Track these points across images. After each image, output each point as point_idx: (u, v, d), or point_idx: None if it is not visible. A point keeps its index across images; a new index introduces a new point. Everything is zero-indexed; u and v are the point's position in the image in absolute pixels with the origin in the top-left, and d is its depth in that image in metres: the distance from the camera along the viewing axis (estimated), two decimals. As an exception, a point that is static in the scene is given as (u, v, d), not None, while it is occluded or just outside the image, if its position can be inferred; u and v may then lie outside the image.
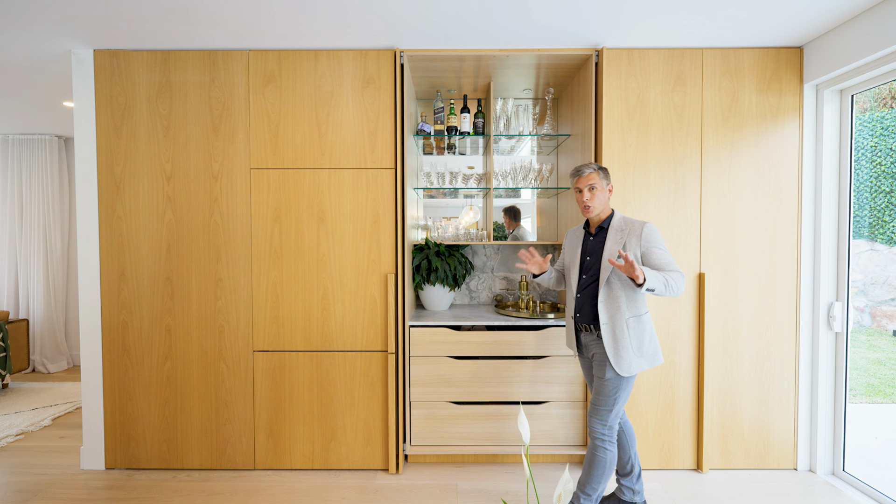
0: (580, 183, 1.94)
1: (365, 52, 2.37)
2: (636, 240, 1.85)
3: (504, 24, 2.16)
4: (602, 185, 1.92)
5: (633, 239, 1.86)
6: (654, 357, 1.90)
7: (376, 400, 2.43)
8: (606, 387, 1.87)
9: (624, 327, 1.86)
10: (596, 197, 1.92)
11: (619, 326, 1.86)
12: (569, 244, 2.11)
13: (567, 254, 2.10)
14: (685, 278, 1.79)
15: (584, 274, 1.98)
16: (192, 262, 2.41)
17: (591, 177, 1.92)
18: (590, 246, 1.99)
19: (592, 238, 1.99)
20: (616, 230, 1.91)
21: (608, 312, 1.87)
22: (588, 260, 1.98)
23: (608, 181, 1.96)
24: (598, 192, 1.92)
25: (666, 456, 2.42)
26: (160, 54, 2.38)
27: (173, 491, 2.25)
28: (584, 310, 1.96)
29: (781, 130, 2.37)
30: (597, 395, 1.90)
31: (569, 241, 2.12)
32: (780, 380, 2.40)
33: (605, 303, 1.88)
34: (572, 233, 2.12)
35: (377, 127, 2.38)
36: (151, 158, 2.39)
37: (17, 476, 2.39)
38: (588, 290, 1.95)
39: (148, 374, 2.43)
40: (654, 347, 1.90)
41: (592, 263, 1.96)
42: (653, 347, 1.89)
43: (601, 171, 1.94)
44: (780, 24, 2.14)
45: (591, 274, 1.95)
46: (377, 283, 2.40)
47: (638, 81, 2.37)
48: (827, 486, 2.28)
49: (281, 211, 2.39)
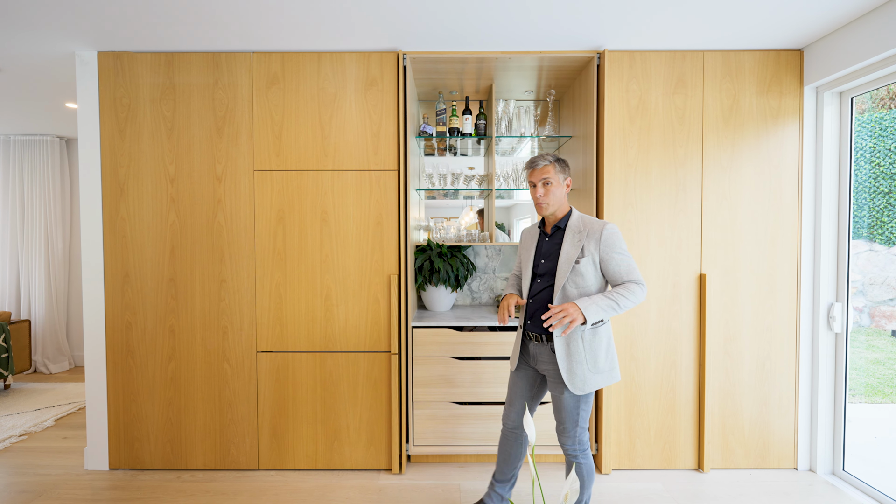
0: (533, 176, 1.76)
1: (368, 54, 2.38)
2: (595, 243, 1.69)
3: (506, 27, 2.18)
4: (559, 179, 1.75)
5: (591, 242, 1.70)
6: (612, 373, 1.74)
7: (379, 400, 2.44)
8: (566, 406, 1.74)
9: (579, 340, 1.70)
10: (551, 193, 1.74)
11: (574, 339, 1.70)
12: (523, 245, 1.93)
13: (521, 255, 1.93)
14: (645, 288, 1.68)
15: (537, 278, 1.80)
16: (195, 264, 2.42)
17: (545, 170, 1.74)
18: (545, 248, 1.81)
19: (548, 239, 1.81)
20: (574, 231, 1.74)
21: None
22: (542, 263, 1.80)
23: (566, 175, 1.78)
24: (554, 187, 1.74)
25: (667, 456, 2.44)
26: (164, 56, 2.39)
27: (177, 491, 2.26)
28: (535, 317, 1.78)
29: (782, 132, 2.38)
30: (558, 413, 1.77)
31: (523, 241, 1.94)
32: (781, 380, 2.42)
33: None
34: (527, 232, 1.95)
35: (380, 129, 2.40)
36: (155, 160, 2.40)
37: (22, 476, 2.40)
38: (541, 295, 1.78)
39: (152, 375, 2.44)
40: (612, 362, 1.75)
41: (547, 267, 1.78)
42: (609, 362, 1.74)
43: (558, 163, 1.76)
44: (781, 26, 2.16)
45: (546, 279, 1.77)
46: (380, 284, 2.42)
47: (639, 84, 2.38)
48: (827, 485, 2.30)
49: (284, 212, 2.41)
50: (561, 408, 1.76)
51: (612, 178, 2.38)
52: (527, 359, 1.86)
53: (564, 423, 1.76)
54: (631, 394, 2.42)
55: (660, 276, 2.40)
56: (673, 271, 2.40)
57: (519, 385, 1.89)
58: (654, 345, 2.42)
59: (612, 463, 2.43)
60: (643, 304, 2.41)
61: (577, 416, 1.74)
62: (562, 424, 1.77)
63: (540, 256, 1.82)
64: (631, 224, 2.39)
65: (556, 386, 1.76)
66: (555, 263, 1.76)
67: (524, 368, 1.88)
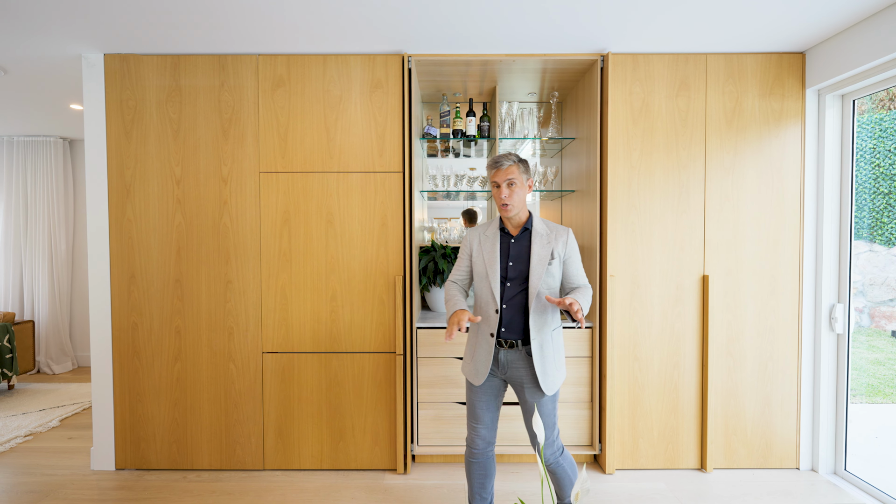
0: (498, 177, 1.70)
1: (373, 56, 2.40)
2: (563, 245, 1.73)
3: (511, 30, 2.19)
4: (522, 180, 1.71)
5: (559, 244, 1.72)
6: (564, 368, 1.78)
7: (384, 401, 2.45)
8: (545, 410, 1.72)
9: (549, 340, 1.71)
10: (515, 194, 1.69)
11: (546, 340, 1.71)
12: (479, 246, 1.80)
13: (478, 258, 1.79)
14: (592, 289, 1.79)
15: (508, 282, 1.73)
16: (201, 265, 2.43)
17: (510, 170, 1.69)
18: (513, 250, 1.74)
19: (514, 241, 1.76)
20: (540, 234, 1.74)
21: (537, 325, 1.69)
22: (512, 266, 1.73)
23: (528, 176, 1.75)
24: (518, 188, 1.70)
25: (670, 456, 2.45)
26: (170, 58, 2.40)
27: (184, 491, 2.28)
28: (512, 324, 1.71)
29: (784, 134, 2.40)
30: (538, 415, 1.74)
31: (478, 242, 1.81)
32: (783, 380, 2.44)
33: (536, 315, 1.69)
34: (480, 232, 1.83)
35: (385, 131, 2.41)
36: (161, 162, 2.42)
37: (29, 477, 2.41)
38: (515, 300, 1.71)
39: (158, 376, 2.45)
40: (563, 358, 1.79)
41: (518, 270, 1.72)
42: (563, 358, 1.79)
43: (522, 163, 1.72)
44: (783, 29, 2.18)
45: (517, 282, 1.72)
46: (385, 285, 2.43)
47: (643, 86, 2.40)
48: (829, 485, 2.32)
49: (290, 214, 2.42)
50: (540, 413, 1.69)
51: (616, 180, 2.40)
52: (494, 369, 1.76)
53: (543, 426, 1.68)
54: (634, 394, 2.44)
55: (663, 277, 2.42)
56: (676, 272, 2.42)
57: (484, 399, 1.78)
58: (658, 345, 2.43)
59: (616, 463, 2.45)
60: (647, 306, 2.42)
61: (554, 418, 1.75)
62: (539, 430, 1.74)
63: (508, 259, 1.74)
64: (635, 226, 2.41)
65: (532, 392, 1.71)
66: (526, 266, 1.72)
67: (490, 380, 1.78)
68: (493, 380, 1.78)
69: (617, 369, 2.43)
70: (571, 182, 2.88)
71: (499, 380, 1.79)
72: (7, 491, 2.28)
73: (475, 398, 1.79)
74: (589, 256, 2.53)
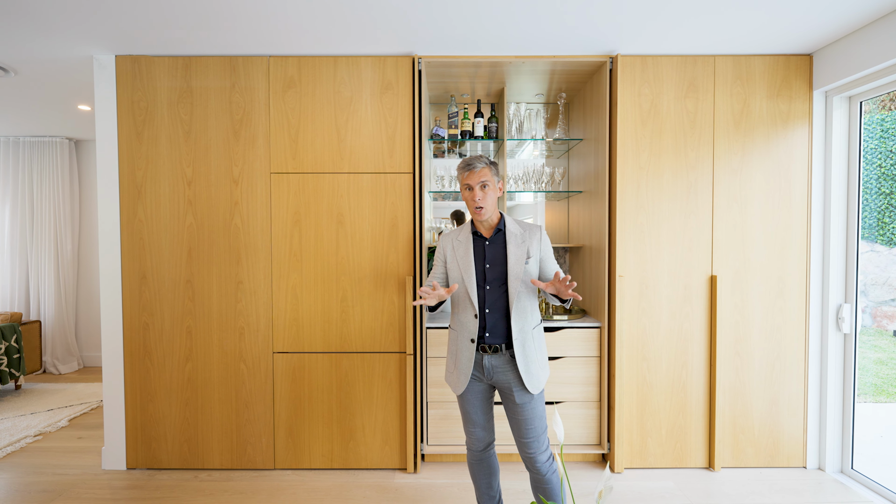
0: (470, 179, 1.67)
1: (383, 58, 2.41)
2: (537, 243, 1.71)
3: (522, 32, 2.21)
4: (493, 182, 1.69)
5: (534, 243, 1.71)
6: (547, 366, 1.77)
7: (394, 400, 2.47)
8: (532, 411, 1.69)
9: (531, 339, 1.70)
10: (488, 196, 1.67)
11: (528, 339, 1.69)
12: (453, 252, 1.77)
13: (452, 264, 1.77)
14: None
15: (486, 285, 1.70)
16: (212, 265, 2.44)
17: (482, 173, 1.67)
18: (489, 253, 1.72)
19: (489, 243, 1.73)
20: (514, 234, 1.72)
21: (518, 326, 1.68)
22: (489, 269, 1.71)
23: (499, 178, 1.75)
24: (490, 190, 1.68)
25: (678, 455, 2.47)
26: (181, 60, 2.41)
27: (196, 490, 2.29)
28: (496, 328, 1.69)
29: (791, 136, 2.42)
30: (525, 424, 1.69)
31: (451, 247, 1.79)
32: (790, 380, 2.46)
33: (517, 316, 1.68)
34: (452, 237, 1.81)
35: (395, 132, 2.42)
36: (172, 163, 2.43)
37: (40, 476, 2.42)
38: (497, 304, 1.69)
39: (169, 376, 2.46)
40: (546, 356, 1.78)
41: (496, 272, 1.70)
42: (545, 355, 1.77)
43: (493, 165, 1.71)
44: (790, 32, 2.19)
45: (498, 285, 1.70)
46: (395, 285, 2.44)
47: (651, 88, 2.41)
48: (836, 483, 2.34)
49: (301, 214, 2.43)
50: (530, 416, 1.69)
51: (625, 181, 2.42)
52: (478, 375, 1.74)
53: (536, 432, 1.69)
54: (643, 394, 2.45)
55: (671, 277, 2.44)
56: (684, 273, 2.43)
57: (474, 402, 1.77)
58: (666, 345, 2.45)
59: (625, 462, 2.46)
60: (655, 306, 2.44)
61: (544, 420, 1.71)
62: (532, 436, 1.69)
63: (485, 262, 1.72)
64: (643, 226, 2.43)
65: (520, 394, 1.69)
66: (504, 268, 1.70)
67: (474, 385, 1.75)
68: (477, 384, 1.75)
69: (625, 369, 2.44)
70: (578, 183, 2.90)
71: (485, 385, 1.76)
72: (20, 490, 2.29)
73: (465, 403, 1.78)
74: (598, 257, 2.54)
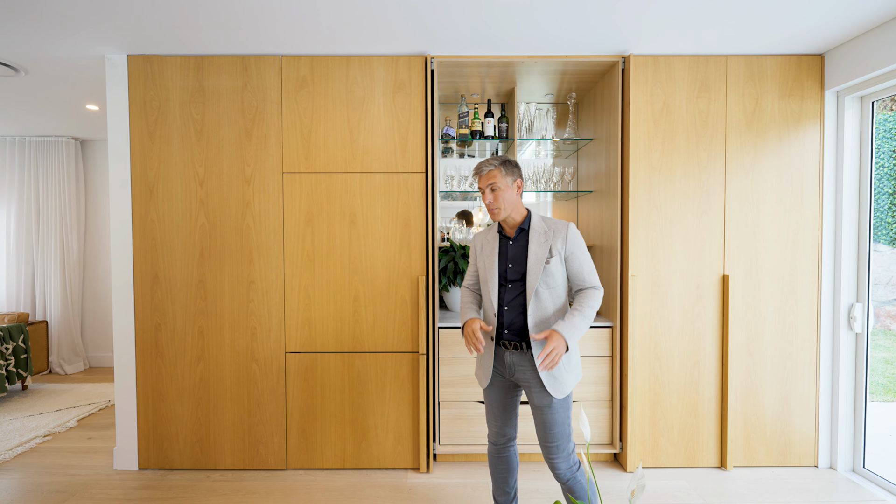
0: (481, 182, 1.71)
1: (396, 57, 2.41)
2: (562, 241, 1.67)
3: (534, 32, 2.21)
4: (506, 183, 1.68)
5: (558, 241, 1.67)
6: (578, 369, 1.71)
7: (406, 400, 2.47)
8: (552, 416, 1.66)
9: None
10: (500, 197, 1.67)
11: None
12: (481, 251, 1.81)
13: (481, 262, 1.81)
14: (601, 292, 1.68)
15: (508, 284, 1.72)
16: (224, 265, 2.44)
17: (490, 175, 1.68)
18: (511, 252, 1.73)
19: (512, 242, 1.74)
20: (538, 233, 1.69)
21: (537, 325, 1.67)
22: (511, 268, 1.72)
23: (514, 177, 1.71)
24: (503, 191, 1.67)
25: (690, 454, 2.47)
26: (193, 59, 2.41)
27: (209, 490, 2.29)
28: (513, 326, 1.71)
29: (803, 136, 2.43)
30: (547, 430, 1.67)
31: (480, 247, 1.83)
32: (802, 379, 2.46)
33: (535, 315, 1.67)
34: (482, 237, 1.85)
35: (408, 131, 2.42)
36: (185, 162, 2.42)
37: (52, 476, 2.42)
38: (515, 302, 1.71)
39: (181, 376, 2.46)
40: (578, 358, 1.72)
41: (517, 272, 1.71)
42: (577, 358, 1.71)
43: (504, 165, 1.69)
44: (802, 32, 2.20)
45: (517, 284, 1.71)
46: (408, 285, 2.44)
47: (663, 87, 2.42)
48: (848, 482, 2.34)
49: (313, 214, 2.43)
50: (550, 421, 1.66)
51: (637, 181, 2.42)
52: (501, 370, 1.76)
53: (556, 438, 1.66)
54: (655, 393, 2.46)
55: (683, 276, 2.44)
56: (696, 272, 2.44)
57: (497, 396, 1.79)
58: (678, 345, 2.45)
59: (637, 461, 2.46)
60: (667, 306, 2.44)
61: (567, 426, 1.68)
62: (553, 441, 1.67)
63: (507, 261, 1.73)
64: (655, 226, 2.43)
65: (540, 396, 1.67)
66: (524, 267, 1.70)
67: (497, 380, 1.77)
68: (500, 380, 1.77)
69: (638, 368, 2.45)
70: (588, 183, 2.90)
71: (507, 381, 1.77)
72: (32, 490, 2.29)
73: (488, 396, 1.82)
74: (610, 257, 2.55)
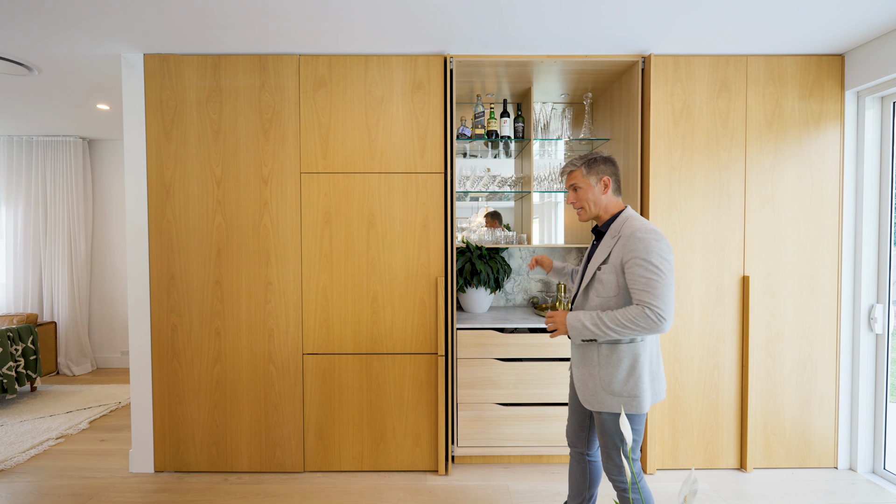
0: (565, 184, 1.71)
1: (415, 57, 2.39)
2: (618, 250, 1.53)
3: (556, 31, 2.19)
4: (587, 182, 1.62)
5: (618, 246, 1.54)
6: (632, 401, 1.52)
7: (425, 402, 2.45)
8: (604, 423, 1.59)
9: (594, 353, 1.58)
10: (581, 198, 1.64)
11: (590, 350, 1.59)
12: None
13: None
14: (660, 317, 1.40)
15: (581, 281, 1.71)
16: (241, 266, 2.42)
17: (571, 176, 1.65)
18: (590, 251, 1.72)
19: (595, 243, 1.71)
20: (609, 235, 1.60)
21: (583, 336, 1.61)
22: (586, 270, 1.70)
23: (599, 175, 1.62)
24: (584, 191, 1.63)
25: (710, 455, 2.46)
26: (210, 59, 2.39)
27: (227, 493, 2.27)
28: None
29: (823, 136, 2.42)
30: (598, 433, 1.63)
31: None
32: (822, 380, 2.45)
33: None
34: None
35: (427, 132, 2.41)
36: (201, 162, 2.40)
37: (67, 479, 2.40)
38: (577, 306, 1.69)
39: (197, 377, 2.43)
40: (634, 390, 1.52)
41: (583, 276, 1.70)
42: (630, 389, 1.52)
43: (587, 164, 1.62)
44: (822, 32, 2.19)
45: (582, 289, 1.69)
46: (426, 286, 2.43)
47: (683, 87, 2.41)
48: (870, 483, 2.33)
49: (331, 215, 2.41)
50: (598, 427, 1.62)
51: (657, 181, 2.41)
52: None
53: (606, 446, 1.59)
54: (674, 394, 2.45)
55: (703, 277, 2.43)
56: (717, 273, 2.43)
57: (571, 397, 1.79)
58: (698, 346, 2.44)
59: (657, 463, 2.45)
60: (687, 307, 2.43)
61: (616, 439, 1.55)
62: (603, 447, 1.61)
63: (588, 259, 1.71)
64: (675, 226, 2.42)
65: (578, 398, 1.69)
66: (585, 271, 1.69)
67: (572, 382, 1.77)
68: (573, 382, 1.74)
69: (657, 370, 2.43)
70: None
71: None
72: (48, 493, 2.26)
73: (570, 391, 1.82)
74: (628, 257, 2.53)
